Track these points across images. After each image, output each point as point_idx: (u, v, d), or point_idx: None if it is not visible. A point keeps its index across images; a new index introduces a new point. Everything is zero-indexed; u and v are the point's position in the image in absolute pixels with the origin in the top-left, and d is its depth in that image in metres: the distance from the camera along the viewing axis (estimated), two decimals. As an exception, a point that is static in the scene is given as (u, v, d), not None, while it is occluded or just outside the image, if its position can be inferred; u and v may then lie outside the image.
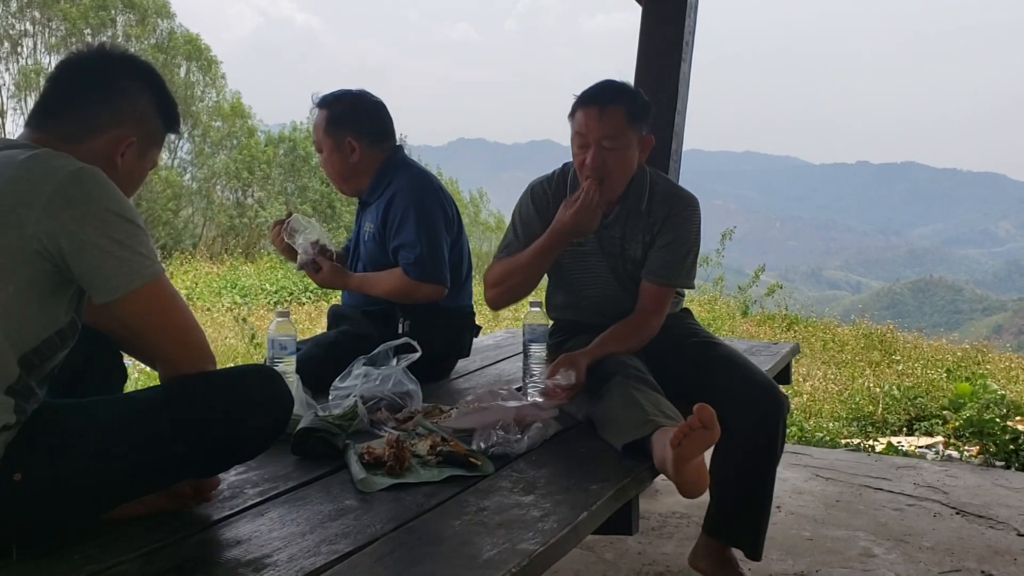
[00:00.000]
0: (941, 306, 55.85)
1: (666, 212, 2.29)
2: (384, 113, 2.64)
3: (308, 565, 1.25)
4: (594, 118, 2.16)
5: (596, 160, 2.16)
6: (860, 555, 2.75)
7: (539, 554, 1.32)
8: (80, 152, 1.36)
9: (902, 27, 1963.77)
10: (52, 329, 1.31)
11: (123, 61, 1.48)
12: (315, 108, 2.62)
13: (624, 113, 2.17)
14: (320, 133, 2.60)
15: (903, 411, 5.85)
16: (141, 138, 1.46)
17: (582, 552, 2.62)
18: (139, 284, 1.31)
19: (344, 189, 2.68)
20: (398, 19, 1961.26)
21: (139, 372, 5.40)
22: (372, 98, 2.62)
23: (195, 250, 14.50)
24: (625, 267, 2.33)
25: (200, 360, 1.40)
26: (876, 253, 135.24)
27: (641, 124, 2.22)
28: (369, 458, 1.67)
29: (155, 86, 1.49)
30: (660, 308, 2.28)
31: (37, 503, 1.27)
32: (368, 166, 2.59)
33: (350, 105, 2.58)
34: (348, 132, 2.56)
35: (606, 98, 2.18)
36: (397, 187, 2.54)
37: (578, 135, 2.20)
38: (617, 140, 2.16)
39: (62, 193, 1.26)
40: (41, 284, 1.28)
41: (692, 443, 1.68)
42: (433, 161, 23.91)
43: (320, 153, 2.65)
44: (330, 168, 2.64)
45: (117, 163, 1.43)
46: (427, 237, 2.48)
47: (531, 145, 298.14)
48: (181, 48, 16.83)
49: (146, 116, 1.47)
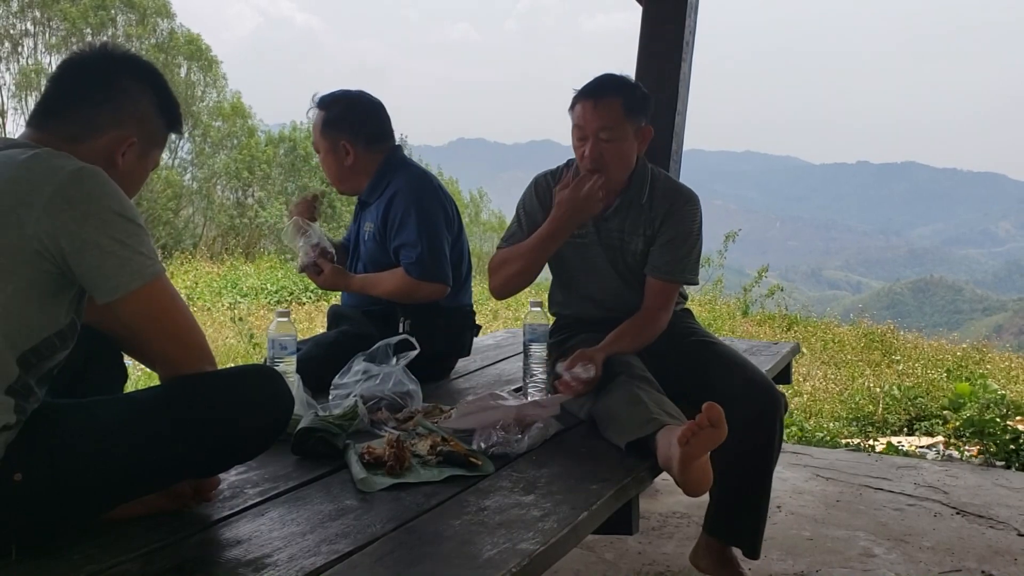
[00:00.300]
0: (941, 306, 55.84)
1: (667, 207, 2.30)
2: (382, 114, 2.63)
3: (308, 565, 1.25)
4: (591, 110, 2.20)
5: (594, 151, 2.21)
6: (860, 555, 2.75)
7: (539, 554, 1.32)
8: (81, 152, 1.36)
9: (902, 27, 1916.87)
10: (52, 329, 1.31)
11: (125, 61, 1.48)
12: (314, 108, 2.62)
13: (620, 105, 2.20)
14: (317, 134, 2.61)
15: (903, 411, 5.85)
16: (142, 138, 1.46)
17: (582, 552, 2.62)
18: (140, 284, 1.31)
19: (341, 189, 2.69)
20: (398, 19, 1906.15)
21: (140, 372, 5.40)
22: (370, 99, 2.62)
23: (195, 250, 14.50)
24: (625, 260, 2.34)
25: (200, 360, 1.40)
26: (876, 253, 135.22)
27: (639, 116, 2.24)
28: (369, 458, 1.67)
29: (157, 86, 1.49)
30: (667, 304, 2.31)
31: (37, 503, 1.27)
32: (365, 167, 2.59)
33: (346, 107, 2.57)
34: (343, 135, 2.56)
35: (602, 91, 2.22)
36: (397, 187, 2.54)
37: (577, 127, 2.24)
38: (613, 132, 2.20)
39: (62, 193, 1.26)
40: (41, 284, 1.28)
41: (700, 441, 1.69)
42: (433, 161, 23.91)
43: (318, 153, 2.66)
44: (326, 169, 2.65)
45: (118, 163, 1.43)
46: (428, 236, 2.48)
47: (531, 145, 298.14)
48: (182, 48, 16.83)
49: (147, 116, 1.47)
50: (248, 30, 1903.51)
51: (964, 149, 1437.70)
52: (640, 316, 2.28)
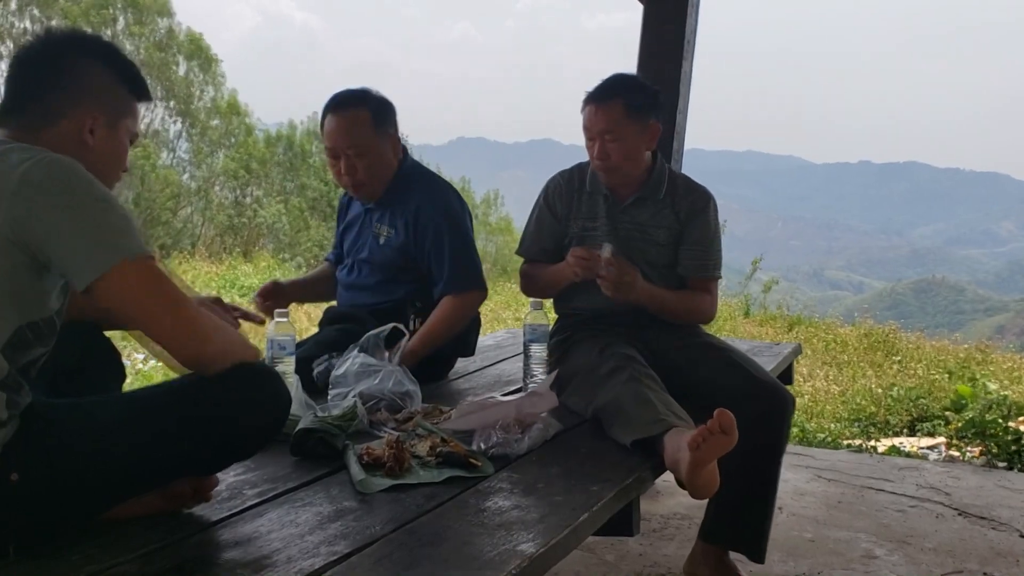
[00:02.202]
0: (943, 306, 55.80)
1: (690, 205, 2.41)
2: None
3: (307, 566, 1.25)
4: (595, 113, 2.31)
5: (601, 151, 2.31)
6: (862, 556, 2.74)
7: (539, 555, 1.32)
8: (48, 140, 1.35)
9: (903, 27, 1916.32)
10: (24, 320, 1.29)
11: (69, 41, 1.46)
12: (333, 108, 2.40)
13: (622, 106, 2.28)
14: (367, 132, 2.37)
15: (905, 412, 5.84)
16: (106, 112, 1.44)
17: (582, 553, 2.61)
18: (114, 263, 1.27)
19: (376, 193, 2.48)
20: (398, 18, 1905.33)
21: (141, 370, 5.40)
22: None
23: (194, 250, 14.50)
24: (646, 251, 2.38)
25: (200, 344, 1.35)
26: (878, 253, 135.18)
27: (643, 115, 2.31)
28: (368, 459, 1.66)
29: (108, 57, 1.46)
30: (712, 294, 2.46)
31: (35, 503, 1.26)
32: (393, 168, 2.48)
33: (385, 101, 2.43)
34: (392, 128, 2.44)
35: (606, 94, 2.31)
36: (422, 199, 2.45)
37: (585, 129, 2.34)
38: (617, 132, 2.29)
39: (27, 181, 1.25)
40: (19, 276, 1.27)
41: (710, 447, 1.69)
42: (433, 160, 23.82)
43: (359, 157, 2.38)
44: (374, 171, 2.42)
45: (88, 142, 1.41)
46: (463, 251, 2.46)
47: (531, 144, 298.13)
48: (183, 47, 16.82)
49: (104, 88, 1.44)
50: (247, 29, 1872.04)
51: (966, 149, 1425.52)
52: (695, 293, 2.42)
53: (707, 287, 2.45)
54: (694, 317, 2.42)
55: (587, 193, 2.42)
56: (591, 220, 2.40)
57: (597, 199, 2.41)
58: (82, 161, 1.33)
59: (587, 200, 2.42)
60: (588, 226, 2.40)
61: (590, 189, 2.42)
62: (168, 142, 16.73)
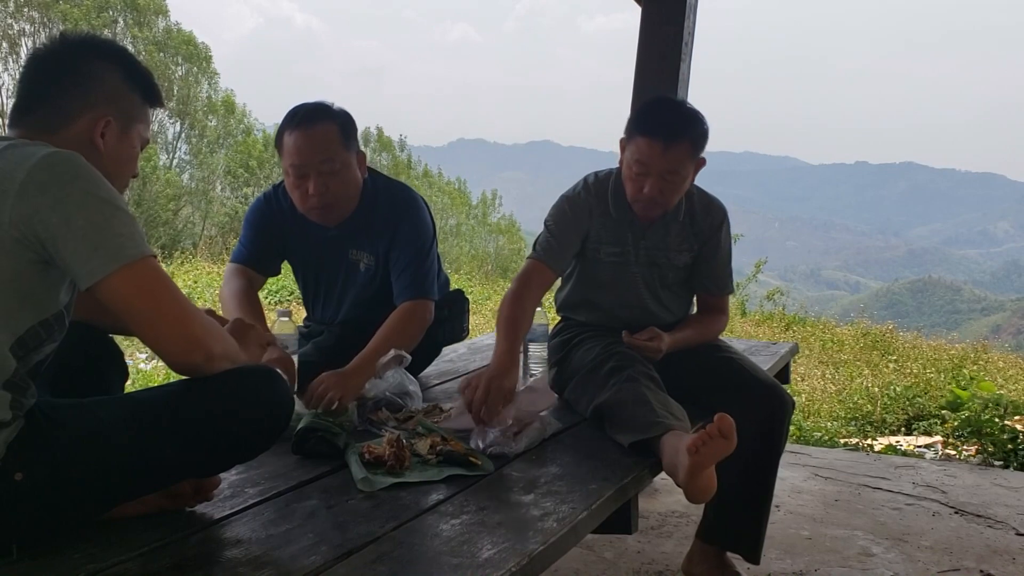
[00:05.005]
0: (940, 306, 55.87)
1: (708, 223, 2.37)
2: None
3: (308, 564, 1.26)
4: (659, 153, 2.14)
5: (654, 189, 2.17)
6: (859, 554, 2.75)
7: (539, 553, 1.33)
8: (59, 141, 1.35)
9: (900, 29, 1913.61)
10: (37, 318, 1.29)
11: (86, 44, 1.46)
12: (298, 124, 2.19)
13: (689, 146, 2.17)
14: (335, 147, 2.20)
15: (901, 411, 5.86)
16: (118, 116, 1.44)
17: (581, 551, 2.63)
18: (117, 265, 1.26)
19: (344, 214, 2.30)
20: (398, 20, 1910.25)
21: (143, 368, 5.40)
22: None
23: (195, 249, 14.49)
24: (663, 275, 2.36)
25: (193, 351, 1.34)
26: (875, 253, 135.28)
27: (700, 151, 2.23)
28: (370, 457, 1.68)
29: (124, 62, 1.47)
30: (725, 309, 2.48)
31: (38, 502, 1.27)
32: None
33: (349, 115, 2.27)
34: (356, 143, 2.28)
35: (674, 134, 2.15)
36: (399, 222, 2.31)
37: (638, 163, 2.17)
38: (680, 174, 2.18)
39: (34, 178, 1.24)
40: (28, 275, 1.26)
41: (710, 452, 1.69)
42: (433, 161, 23.85)
43: (332, 175, 2.20)
44: (346, 188, 2.24)
45: (99, 145, 1.42)
46: (425, 261, 2.34)
47: (530, 145, 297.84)
48: (181, 48, 16.80)
49: (118, 93, 1.45)
50: (247, 30, 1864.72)
51: (962, 149, 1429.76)
52: (705, 316, 2.44)
53: (721, 305, 2.45)
54: (711, 340, 2.40)
55: (613, 219, 2.31)
56: (615, 246, 2.33)
57: (623, 225, 2.31)
58: (92, 163, 1.33)
59: (613, 226, 2.31)
60: (612, 251, 2.33)
61: (615, 215, 2.30)
62: (168, 144, 16.74)
